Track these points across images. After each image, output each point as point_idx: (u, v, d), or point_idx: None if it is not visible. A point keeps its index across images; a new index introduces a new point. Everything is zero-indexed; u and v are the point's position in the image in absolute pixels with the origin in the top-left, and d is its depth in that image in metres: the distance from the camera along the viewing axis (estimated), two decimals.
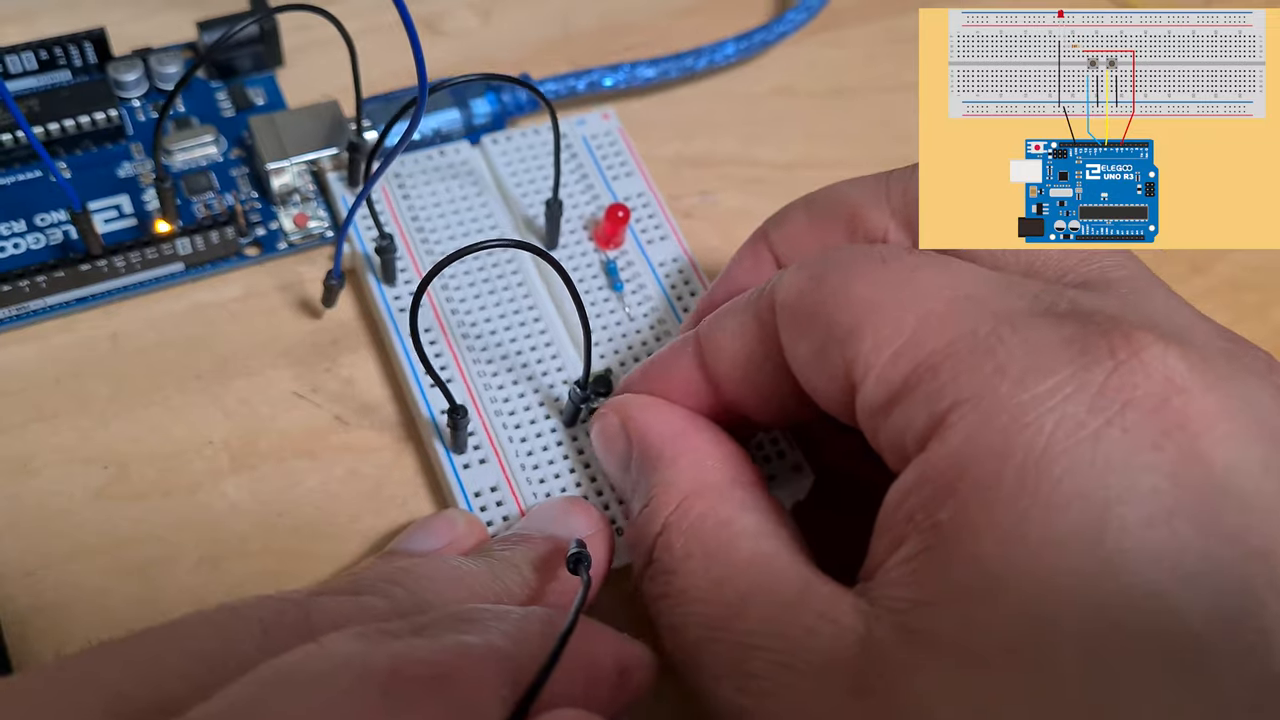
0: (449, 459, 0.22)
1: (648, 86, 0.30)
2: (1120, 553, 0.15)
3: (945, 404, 0.16)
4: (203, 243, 0.25)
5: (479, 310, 0.24)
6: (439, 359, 0.24)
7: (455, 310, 0.24)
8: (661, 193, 0.27)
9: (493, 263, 0.25)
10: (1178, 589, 0.14)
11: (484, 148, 0.27)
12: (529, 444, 0.23)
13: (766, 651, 0.17)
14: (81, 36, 0.27)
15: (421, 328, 0.22)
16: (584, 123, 0.28)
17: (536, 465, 0.23)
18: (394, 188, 0.26)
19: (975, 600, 0.15)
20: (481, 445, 0.23)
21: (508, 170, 0.27)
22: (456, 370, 0.24)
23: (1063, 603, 0.15)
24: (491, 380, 0.24)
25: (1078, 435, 0.15)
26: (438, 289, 0.24)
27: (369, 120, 0.27)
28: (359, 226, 0.25)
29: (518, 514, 0.22)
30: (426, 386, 0.23)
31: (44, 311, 0.24)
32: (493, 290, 0.25)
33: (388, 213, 0.25)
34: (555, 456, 0.23)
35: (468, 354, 0.24)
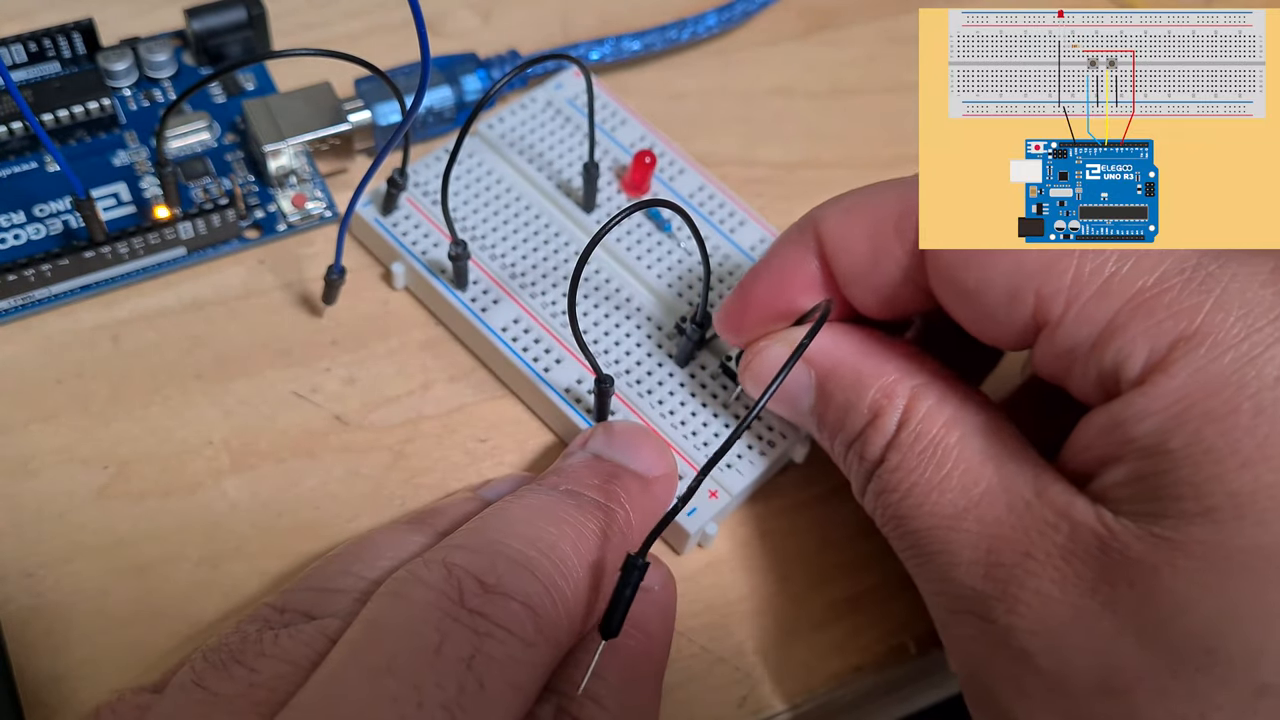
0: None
1: (634, 59, 0.30)
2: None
3: (1167, 340, 0.17)
4: (204, 226, 0.25)
5: (548, 283, 0.25)
6: (528, 333, 0.24)
7: (524, 285, 0.25)
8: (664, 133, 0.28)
9: (534, 231, 0.26)
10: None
11: (483, 134, 0.27)
12: (657, 395, 0.24)
13: (1010, 541, 0.18)
14: (70, 27, 0.27)
15: (483, 292, 0.24)
16: (561, 86, 0.28)
17: (672, 410, 0.24)
18: (418, 195, 0.26)
19: (1224, 515, 0.16)
20: (618, 410, 0.23)
21: (514, 149, 0.27)
22: (553, 341, 0.24)
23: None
24: (592, 345, 0.24)
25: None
26: (499, 270, 0.25)
27: (361, 100, 0.27)
28: (405, 242, 0.25)
29: (687, 469, 0.23)
30: (543, 370, 0.24)
31: (48, 301, 0.24)
32: (546, 258, 0.25)
33: (416, 214, 0.26)
34: (685, 398, 0.24)
35: (552, 320, 0.24)
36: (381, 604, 0.18)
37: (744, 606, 0.23)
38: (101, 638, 0.21)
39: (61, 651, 0.21)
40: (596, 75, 0.30)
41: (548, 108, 0.28)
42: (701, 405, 0.24)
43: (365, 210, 0.25)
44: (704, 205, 0.27)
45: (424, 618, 0.17)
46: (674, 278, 0.25)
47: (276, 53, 0.22)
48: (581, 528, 0.19)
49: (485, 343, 0.24)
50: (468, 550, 0.18)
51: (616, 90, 0.30)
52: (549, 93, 0.28)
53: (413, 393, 0.24)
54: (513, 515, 0.20)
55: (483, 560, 0.18)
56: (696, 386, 0.24)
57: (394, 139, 0.21)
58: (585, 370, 0.24)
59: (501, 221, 0.26)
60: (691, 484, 0.18)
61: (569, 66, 0.28)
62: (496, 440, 0.24)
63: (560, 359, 0.24)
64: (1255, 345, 0.17)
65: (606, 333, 0.25)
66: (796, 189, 0.29)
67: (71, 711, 0.20)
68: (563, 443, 0.24)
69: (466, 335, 0.25)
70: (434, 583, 0.18)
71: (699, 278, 0.25)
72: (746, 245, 0.26)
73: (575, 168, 0.27)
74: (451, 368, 0.25)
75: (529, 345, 0.24)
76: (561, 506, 0.20)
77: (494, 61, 0.29)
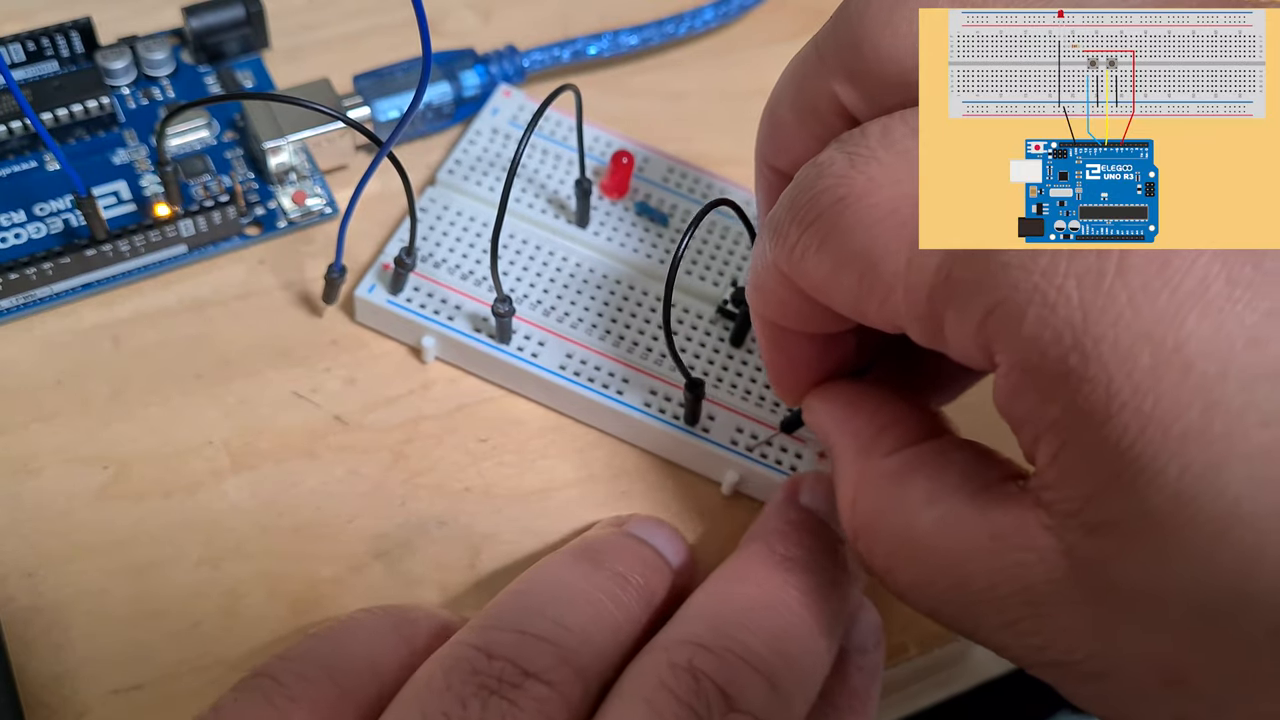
0: (696, 437, 0.23)
1: (633, 54, 0.30)
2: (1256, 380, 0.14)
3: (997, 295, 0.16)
4: (205, 224, 0.25)
5: (579, 308, 0.25)
6: (586, 364, 0.24)
7: (560, 319, 0.25)
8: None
9: (542, 262, 0.26)
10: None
11: (446, 182, 0.26)
12: (728, 380, 0.24)
13: (1002, 596, 0.17)
14: (68, 26, 0.27)
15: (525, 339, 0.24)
16: (498, 110, 0.28)
17: (749, 392, 0.24)
18: (424, 228, 0.26)
19: (1134, 482, 0.15)
20: (711, 411, 0.24)
21: (483, 187, 0.26)
22: (613, 364, 0.24)
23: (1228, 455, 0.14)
24: (644, 354, 0.24)
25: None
26: (528, 311, 0.25)
27: (361, 96, 0.27)
28: (428, 314, 0.24)
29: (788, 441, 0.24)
30: (616, 394, 0.24)
31: (50, 299, 0.24)
32: (566, 285, 0.25)
33: (426, 284, 0.25)
34: (756, 376, 0.25)
35: (601, 343, 0.24)
36: (633, 712, 0.17)
37: None
38: (101, 638, 0.21)
39: (61, 651, 0.21)
40: (596, 77, 0.30)
41: (494, 136, 0.27)
42: (765, 381, 0.24)
43: (373, 295, 0.24)
44: (679, 185, 0.27)
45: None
46: (691, 265, 0.26)
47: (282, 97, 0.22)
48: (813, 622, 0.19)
49: (547, 386, 0.24)
50: (710, 653, 0.18)
51: (618, 91, 0.30)
52: (489, 121, 0.28)
53: (413, 393, 0.24)
54: (737, 601, 0.19)
55: (727, 670, 0.18)
56: (759, 360, 0.25)
57: (396, 133, 0.21)
58: (656, 380, 0.24)
59: (507, 262, 0.25)
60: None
61: (499, 86, 0.28)
62: (496, 440, 0.24)
63: (627, 378, 0.24)
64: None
65: (654, 338, 0.25)
66: None
67: (71, 711, 0.20)
68: (649, 455, 0.24)
69: (522, 385, 0.24)
70: (683, 695, 0.17)
71: (712, 256, 0.26)
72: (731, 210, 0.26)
73: (549, 188, 0.27)
74: (452, 368, 0.25)
75: (593, 375, 0.24)
76: (784, 595, 0.19)
77: (491, 57, 0.29)
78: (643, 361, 0.24)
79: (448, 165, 0.27)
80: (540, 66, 0.29)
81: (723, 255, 0.26)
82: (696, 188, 0.27)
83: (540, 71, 0.29)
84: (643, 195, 0.27)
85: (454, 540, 0.23)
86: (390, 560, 0.22)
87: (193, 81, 0.28)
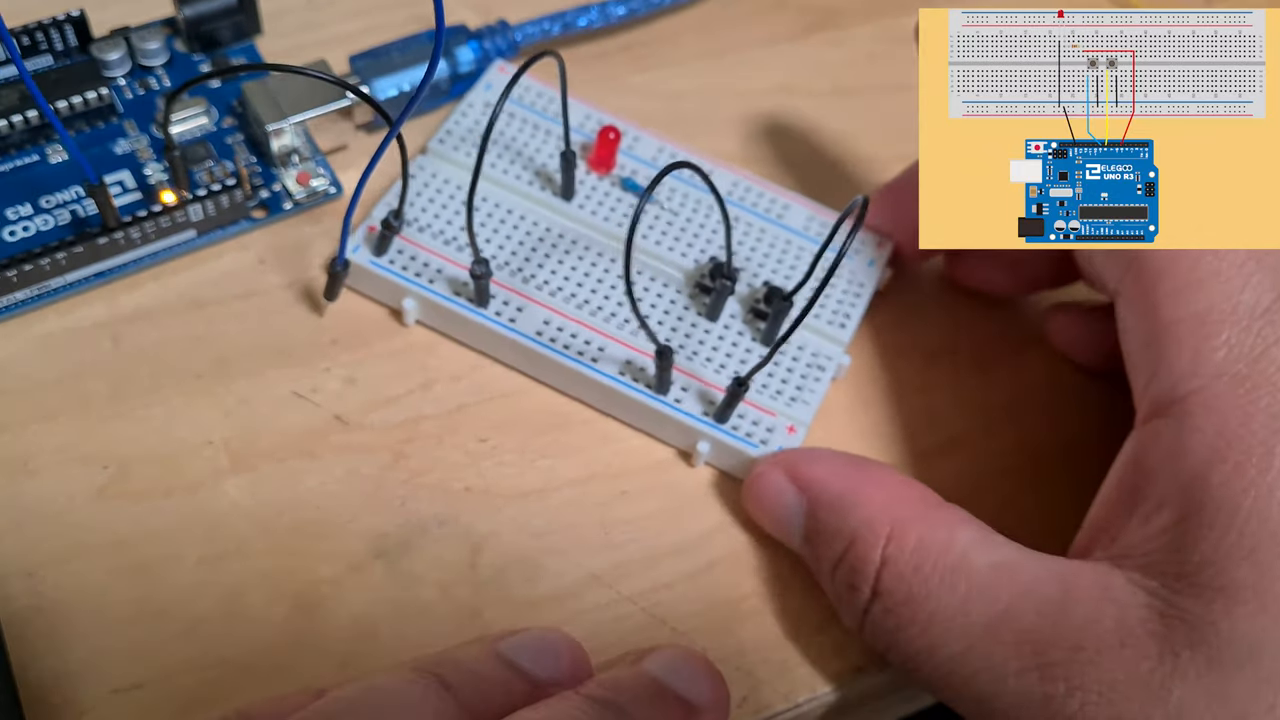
0: (665, 405, 0.24)
1: (620, 24, 0.30)
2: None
3: (1215, 367, 0.18)
4: (213, 208, 0.25)
5: (560, 277, 0.25)
6: (562, 330, 0.24)
7: (539, 286, 0.25)
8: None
9: (525, 231, 0.26)
10: None
11: (436, 151, 0.27)
12: (703, 354, 0.25)
13: (1055, 641, 0.18)
14: (62, 20, 0.27)
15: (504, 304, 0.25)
16: (490, 86, 0.28)
17: (722, 365, 0.24)
18: (411, 194, 0.26)
19: (1267, 554, 0.16)
20: (677, 379, 0.24)
21: (472, 157, 0.27)
22: (589, 331, 0.24)
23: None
24: (624, 322, 0.25)
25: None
26: (508, 278, 0.25)
27: (358, 76, 0.27)
28: (410, 276, 0.25)
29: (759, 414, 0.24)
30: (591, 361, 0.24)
31: (63, 290, 0.24)
32: (547, 254, 0.25)
33: (410, 247, 0.25)
34: (728, 349, 0.25)
35: (579, 311, 0.25)
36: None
37: (745, 606, 0.23)
38: (101, 638, 0.21)
39: (62, 651, 0.21)
40: (596, 74, 0.30)
41: (486, 110, 0.27)
42: (746, 351, 0.25)
43: (357, 255, 0.25)
44: (664, 161, 0.27)
45: None
46: (664, 238, 0.26)
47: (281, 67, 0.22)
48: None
49: (523, 351, 0.24)
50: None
51: (617, 90, 0.30)
52: (482, 95, 0.28)
53: (413, 393, 0.24)
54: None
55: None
56: (735, 335, 0.25)
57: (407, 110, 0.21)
58: (630, 350, 0.24)
59: (491, 231, 0.26)
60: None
61: (495, 62, 0.28)
62: (496, 440, 0.24)
63: (603, 346, 0.24)
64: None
65: (642, 309, 0.25)
66: (796, 189, 0.29)
67: (72, 711, 0.20)
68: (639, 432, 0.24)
69: (498, 349, 0.25)
70: None
71: (695, 234, 0.26)
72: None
73: (537, 161, 0.27)
74: (452, 367, 0.25)
75: (569, 342, 0.24)
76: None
77: (485, 32, 0.29)
78: (619, 332, 0.24)
79: (439, 135, 0.27)
80: (532, 40, 0.29)
81: (693, 228, 0.26)
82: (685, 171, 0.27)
83: (532, 45, 0.29)
84: (629, 171, 0.27)
85: (454, 540, 0.23)
86: (390, 560, 0.22)
87: (188, 70, 0.28)
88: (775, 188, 0.27)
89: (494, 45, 0.29)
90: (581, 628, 0.22)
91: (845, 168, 0.30)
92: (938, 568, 0.19)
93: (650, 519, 0.23)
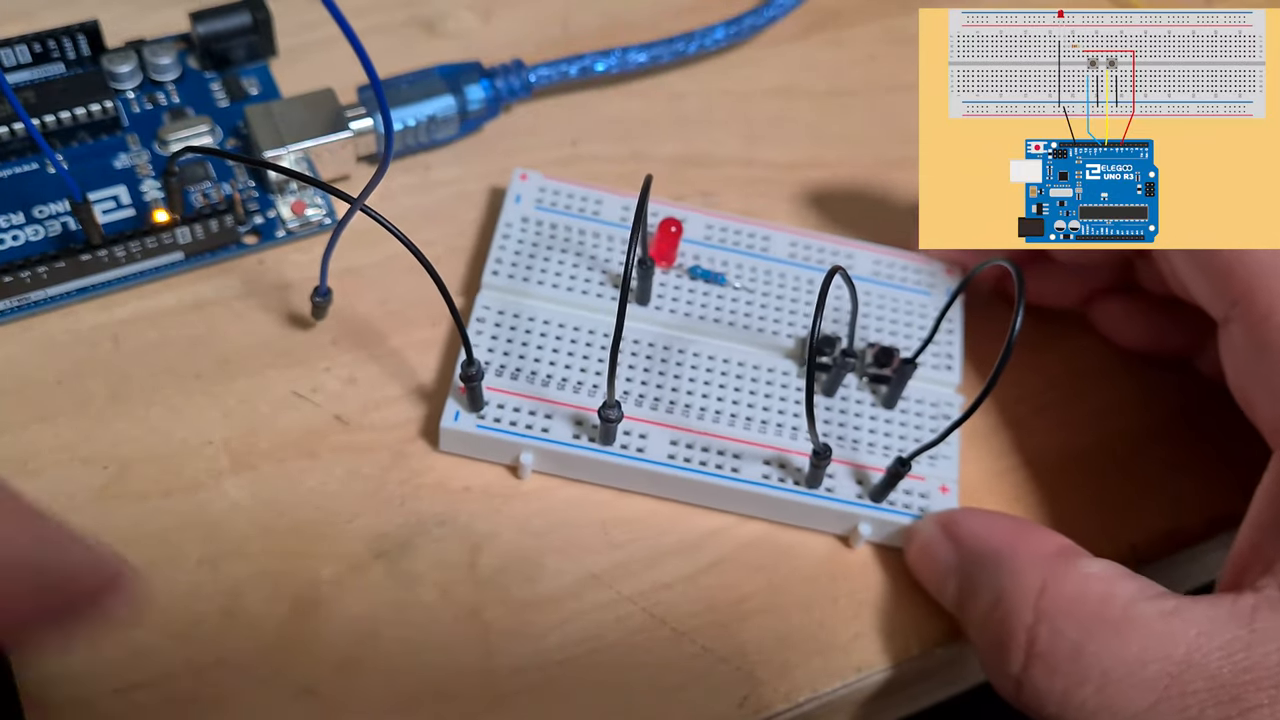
0: (822, 499, 0.23)
1: (639, 71, 0.30)
2: None
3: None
4: (202, 231, 0.25)
5: (667, 389, 0.24)
6: (691, 448, 0.23)
7: (654, 407, 0.24)
8: (663, 194, 0.27)
9: (600, 345, 0.24)
10: None
11: (492, 284, 0.25)
12: (834, 430, 0.24)
13: (1250, 685, 0.17)
14: (75, 29, 0.27)
15: (625, 433, 0.23)
16: (520, 198, 0.26)
17: (855, 440, 0.24)
18: (485, 338, 0.24)
19: None
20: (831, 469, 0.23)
21: (531, 282, 0.25)
22: (721, 442, 0.23)
23: None
24: (745, 421, 0.24)
25: None
26: (596, 392, 0.24)
27: (364, 108, 0.27)
28: (522, 430, 0.23)
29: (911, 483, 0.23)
30: (731, 472, 0.23)
31: (45, 303, 0.24)
32: (648, 369, 0.24)
33: (499, 395, 0.23)
34: (859, 422, 0.24)
35: (699, 423, 0.23)
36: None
37: (745, 607, 0.23)
38: (101, 638, 0.21)
39: (62, 651, 0.21)
40: (603, 88, 0.30)
41: (525, 225, 0.26)
42: (872, 420, 0.24)
43: (457, 424, 0.23)
44: (723, 239, 0.26)
45: None
46: (749, 319, 0.25)
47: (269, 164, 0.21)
48: None
49: (659, 479, 0.23)
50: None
51: (618, 91, 0.30)
52: (515, 210, 0.26)
53: (413, 393, 0.24)
54: None
55: None
56: (854, 405, 0.24)
57: (374, 183, 0.20)
58: (767, 450, 0.23)
59: (581, 358, 0.24)
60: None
61: (516, 172, 0.27)
62: None
63: (739, 454, 0.23)
64: None
65: (750, 405, 0.24)
66: (796, 189, 0.29)
67: (72, 711, 0.20)
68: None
69: (633, 483, 0.23)
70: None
71: (777, 307, 0.25)
72: (778, 254, 0.26)
73: (599, 269, 0.25)
74: (451, 367, 0.25)
75: (705, 459, 0.23)
76: None
77: (498, 71, 0.28)
78: (745, 433, 0.23)
79: (490, 267, 0.25)
80: (546, 82, 0.29)
81: (772, 302, 0.25)
82: (740, 238, 0.26)
83: (546, 87, 0.29)
84: (691, 258, 0.26)
85: (454, 540, 0.23)
86: (390, 560, 0.22)
87: (198, 87, 0.28)
88: (835, 239, 0.26)
89: (507, 85, 0.28)
90: (581, 628, 0.22)
91: (845, 168, 0.30)
92: (1103, 621, 0.18)
93: (650, 519, 0.23)
